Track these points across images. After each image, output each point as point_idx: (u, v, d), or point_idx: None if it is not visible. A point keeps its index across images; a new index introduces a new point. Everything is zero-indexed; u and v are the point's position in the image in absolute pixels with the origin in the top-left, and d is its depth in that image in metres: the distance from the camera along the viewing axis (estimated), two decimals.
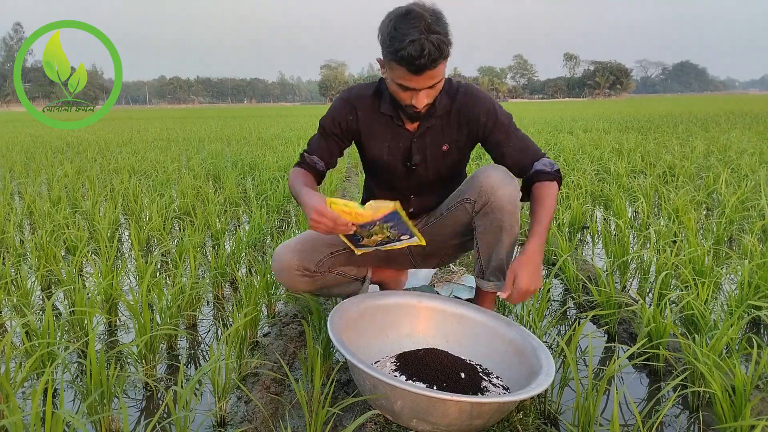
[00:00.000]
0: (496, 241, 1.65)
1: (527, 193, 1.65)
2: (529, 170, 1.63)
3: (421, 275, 2.31)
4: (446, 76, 1.59)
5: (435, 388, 1.39)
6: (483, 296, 1.76)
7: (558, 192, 1.65)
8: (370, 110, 1.69)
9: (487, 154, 1.84)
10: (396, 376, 1.43)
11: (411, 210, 1.85)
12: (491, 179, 1.61)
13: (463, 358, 1.56)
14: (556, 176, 1.63)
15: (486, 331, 1.61)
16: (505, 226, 1.63)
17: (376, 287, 2.04)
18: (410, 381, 1.42)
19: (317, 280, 1.77)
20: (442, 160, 1.72)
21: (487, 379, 1.46)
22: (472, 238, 1.74)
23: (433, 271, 2.40)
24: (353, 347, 1.51)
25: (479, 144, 1.72)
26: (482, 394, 1.38)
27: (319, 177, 1.76)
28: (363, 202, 1.92)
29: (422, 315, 1.69)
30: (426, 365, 1.45)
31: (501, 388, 1.44)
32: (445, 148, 1.70)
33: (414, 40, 1.36)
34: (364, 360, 1.31)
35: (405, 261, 1.93)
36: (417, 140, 1.69)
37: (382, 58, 1.50)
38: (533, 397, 1.42)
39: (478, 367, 1.52)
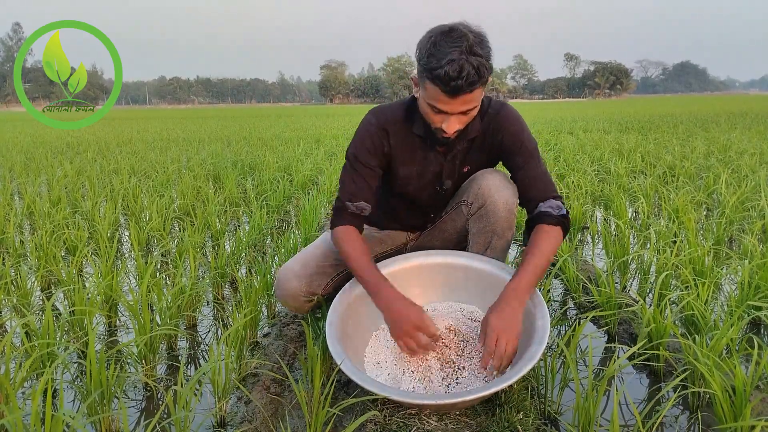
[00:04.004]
0: (487, 244, 1.65)
1: (528, 234, 1.56)
2: (533, 208, 1.55)
3: None
4: None
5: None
6: None
7: (561, 239, 1.52)
8: (402, 133, 1.59)
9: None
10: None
11: (428, 225, 1.85)
12: (489, 183, 1.60)
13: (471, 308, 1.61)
14: (561, 221, 1.52)
15: (491, 282, 1.59)
16: (498, 230, 1.62)
17: None
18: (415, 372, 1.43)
19: (321, 301, 1.76)
20: (463, 179, 1.71)
21: None
22: (467, 242, 1.74)
23: None
24: (361, 330, 1.53)
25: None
26: None
27: (362, 227, 1.63)
28: (375, 213, 1.90)
29: (430, 273, 1.67)
30: None
31: None
32: (465, 169, 1.68)
33: (453, 59, 1.29)
34: (366, 365, 1.33)
35: None
36: (448, 164, 1.64)
37: (416, 75, 1.43)
38: (533, 395, 1.42)
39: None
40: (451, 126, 1.42)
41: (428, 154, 1.62)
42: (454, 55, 1.29)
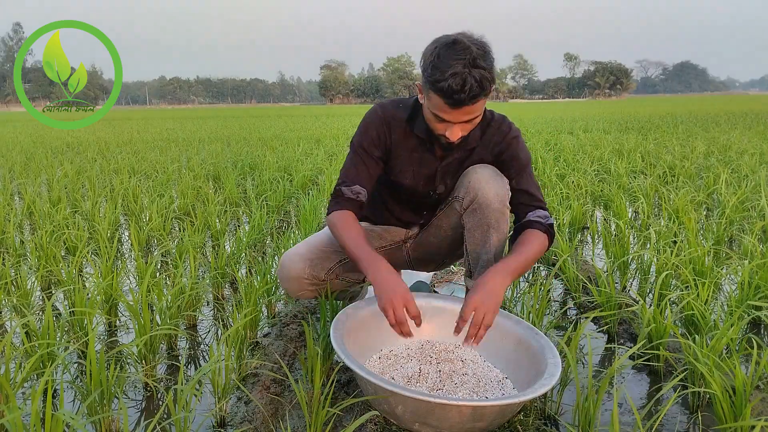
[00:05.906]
0: (484, 239, 1.64)
1: (515, 239, 1.60)
2: (522, 216, 1.61)
3: (422, 275, 2.31)
4: None
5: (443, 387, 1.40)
6: None
7: (547, 246, 1.58)
8: (403, 132, 1.62)
9: None
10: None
11: (422, 222, 1.85)
12: (479, 176, 1.60)
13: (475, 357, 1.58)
14: (548, 230, 1.58)
15: (496, 330, 1.59)
16: (493, 223, 1.61)
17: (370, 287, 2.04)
18: (414, 376, 1.43)
19: (323, 287, 1.76)
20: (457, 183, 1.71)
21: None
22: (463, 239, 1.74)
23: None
24: (361, 348, 1.51)
25: None
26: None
27: (360, 213, 1.62)
28: (372, 210, 1.91)
29: (432, 316, 1.67)
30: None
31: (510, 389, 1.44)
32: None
33: (456, 73, 1.31)
34: (365, 366, 1.31)
35: (402, 263, 1.92)
36: (442, 169, 1.66)
37: (421, 83, 1.45)
38: (534, 398, 1.42)
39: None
40: (455, 134, 1.45)
41: (425, 156, 1.64)
42: (457, 68, 1.31)
